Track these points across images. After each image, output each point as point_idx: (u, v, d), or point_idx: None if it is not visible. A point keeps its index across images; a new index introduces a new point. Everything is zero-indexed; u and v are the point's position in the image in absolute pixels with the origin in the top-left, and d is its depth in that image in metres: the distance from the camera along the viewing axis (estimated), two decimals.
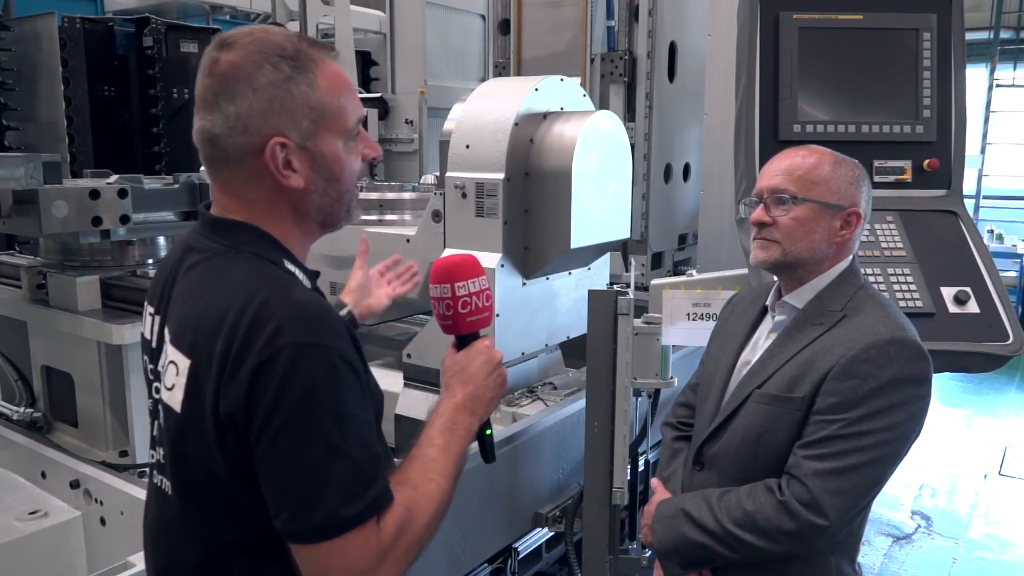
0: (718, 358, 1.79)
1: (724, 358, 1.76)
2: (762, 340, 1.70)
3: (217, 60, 1.16)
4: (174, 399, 1.14)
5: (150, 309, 1.32)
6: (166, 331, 1.21)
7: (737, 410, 1.63)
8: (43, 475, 2.92)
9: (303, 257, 1.27)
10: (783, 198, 1.59)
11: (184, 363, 1.13)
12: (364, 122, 1.31)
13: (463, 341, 1.41)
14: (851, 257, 1.65)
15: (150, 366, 1.30)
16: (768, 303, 1.72)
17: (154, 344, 1.28)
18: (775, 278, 1.73)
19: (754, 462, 1.59)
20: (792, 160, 1.63)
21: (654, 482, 1.81)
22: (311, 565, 1.09)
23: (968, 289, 2.33)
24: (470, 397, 1.33)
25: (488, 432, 1.39)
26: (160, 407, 1.20)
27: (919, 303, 2.31)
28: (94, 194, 2.73)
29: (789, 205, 1.59)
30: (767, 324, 1.71)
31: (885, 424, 1.48)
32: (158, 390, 1.22)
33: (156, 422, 1.26)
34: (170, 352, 1.17)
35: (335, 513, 1.06)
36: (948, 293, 2.33)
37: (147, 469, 1.36)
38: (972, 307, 2.31)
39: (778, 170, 1.63)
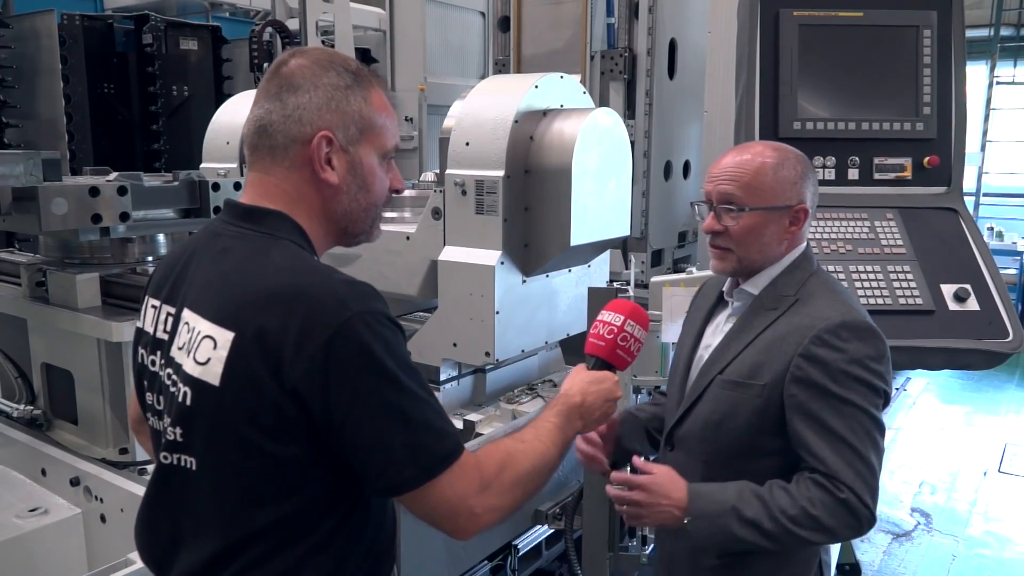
0: (682, 343, 1.87)
1: (686, 343, 1.84)
2: (722, 325, 1.76)
3: (287, 63, 1.28)
4: (210, 373, 1.17)
5: (153, 301, 1.34)
6: (187, 312, 1.24)
7: (701, 395, 1.68)
8: (43, 472, 2.92)
9: (320, 258, 1.33)
10: (731, 208, 1.63)
11: (225, 336, 1.16)
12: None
13: (599, 366, 1.62)
14: (804, 244, 1.70)
15: (151, 357, 1.31)
16: (724, 289, 1.78)
17: (160, 334, 1.29)
18: None
19: (716, 444, 1.65)
20: (737, 162, 1.66)
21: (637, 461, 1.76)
22: (424, 505, 1.19)
23: (968, 286, 2.33)
24: (585, 407, 1.51)
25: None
26: (184, 385, 1.21)
27: (919, 300, 2.31)
28: (94, 191, 2.72)
29: (737, 214, 1.63)
30: (726, 310, 1.77)
31: (864, 401, 1.52)
32: (175, 373, 1.23)
33: (161, 411, 1.27)
34: (204, 328, 1.19)
35: (435, 452, 1.18)
36: (948, 290, 2.33)
37: (150, 458, 1.38)
38: (972, 304, 2.31)
39: (724, 174, 1.66)
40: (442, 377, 2.79)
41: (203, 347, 1.18)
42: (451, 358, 2.76)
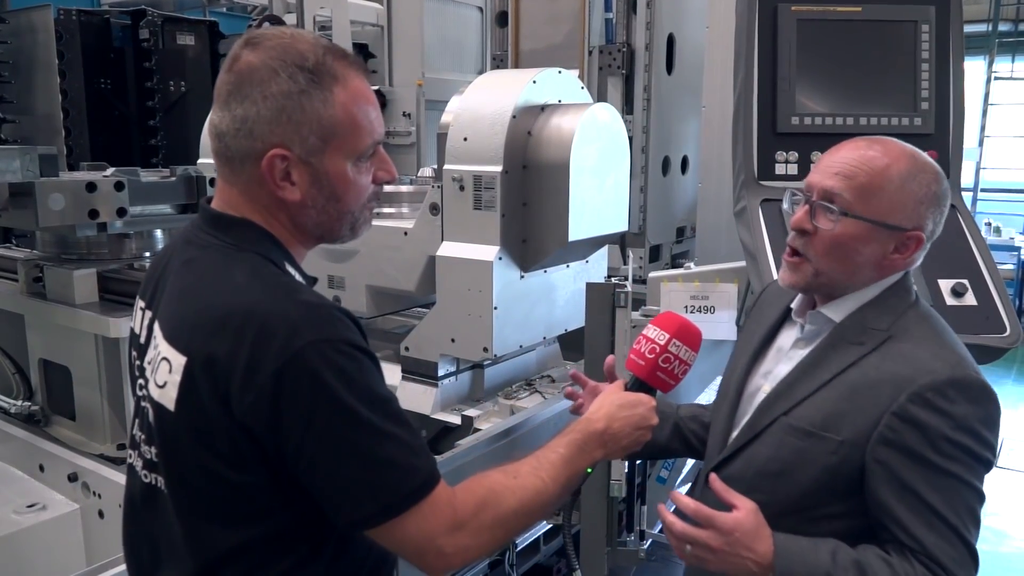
0: (735, 362, 1.59)
1: (740, 362, 1.56)
2: (787, 350, 1.49)
3: (239, 57, 1.15)
4: (166, 397, 1.12)
5: (141, 303, 1.30)
6: (156, 326, 1.19)
7: (758, 435, 1.43)
8: (41, 468, 2.92)
9: (301, 261, 1.27)
10: (831, 208, 1.34)
11: (179, 361, 1.11)
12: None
13: (637, 386, 1.45)
14: (906, 271, 1.42)
15: (136, 362, 1.27)
16: (794, 306, 1.51)
17: (142, 339, 1.25)
18: None
19: (770, 497, 1.37)
20: (858, 154, 1.36)
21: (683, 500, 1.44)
22: (390, 541, 1.13)
23: (965, 281, 2.33)
24: (610, 434, 1.37)
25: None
26: (149, 404, 1.18)
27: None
28: (91, 187, 2.72)
29: (837, 217, 1.34)
30: (793, 331, 1.50)
31: (968, 473, 1.30)
32: (144, 387, 1.20)
33: (142, 419, 1.23)
34: (163, 348, 1.15)
35: (399, 490, 1.09)
36: (945, 285, 2.33)
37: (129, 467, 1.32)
38: (969, 299, 2.31)
39: (837, 166, 1.36)
40: (440, 373, 2.79)
41: (162, 369, 1.14)
42: (449, 353, 2.76)
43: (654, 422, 1.43)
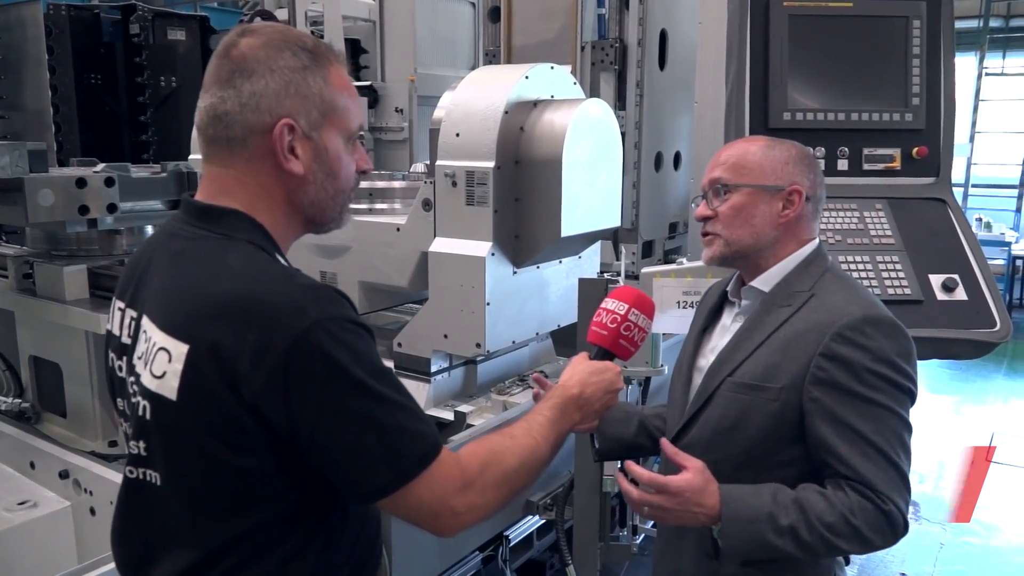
0: (683, 350, 1.77)
1: (687, 349, 1.75)
2: (728, 326, 1.66)
3: (237, 43, 1.19)
4: (166, 387, 1.12)
5: (119, 304, 1.29)
6: (145, 320, 1.19)
7: (709, 399, 1.58)
8: (32, 465, 2.91)
9: (287, 251, 1.27)
10: (718, 188, 1.60)
11: (180, 349, 1.11)
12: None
13: (601, 355, 1.56)
14: (816, 241, 1.63)
15: (119, 363, 1.26)
16: (729, 289, 1.71)
17: (125, 339, 1.24)
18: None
19: (726, 452, 1.53)
20: (729, 150, 1.65)
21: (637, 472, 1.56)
22: (404, 508, 1.17)
23: (956, 277, 2.35)
24: (584, 398, 1.46)
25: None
26: (143, 399, 1.17)
27: (907, 290, 2.32)
28: (80, 182, 2.71)
29: (724, 195, 1.59)
30: (734, 310, 1.68)
31: (892, 401, 1.44)
32: (135, 383, 1.19)
33: (129, 418, 1.23)
34: (158, 339, 1.14)
35: (411, 455, 1.14)
36: (936, 280, 2.34)
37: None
38: (960, 294, 2.32)
39: (716, 162, 1.64)
40: (433, 368, 2.79)
41: (159, 360, 1.13)
42: (442, 349, 2.76)
43: (621, 386, 1.54)
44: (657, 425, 1.84)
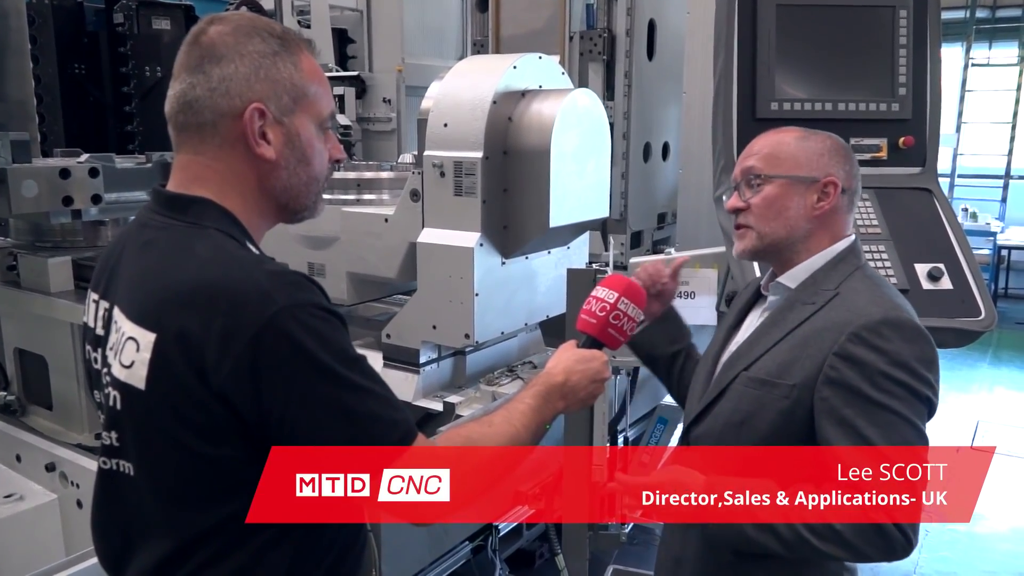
0: (713, 340, 1.74)
1: (716, 339, 1.72)
2: (755, 321, 1.63)
3: (206, 31, 1.19)
4: (135, 376, 1.12)
5: (94, 296, 1.28)
6: (116, 310, 1.19)
7: (723, 392, 1.55)
8: (18, 459, 2.89)
9: (259, 240, 1.26)
10: (751, 179, 1.55)
11: (147, 338, 1.10)
12: (340, 105, 1.33)
13: (589, 344, 1.54)
14: (851, 239, 1.57)
15: (95, 355, 1.26)
16: (762, 284, 1.67)
17: (99, 330, 1.24)
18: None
19: (735, 447, 1.50)
20: (762, 140, 1.60)
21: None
22: None
23: (942, 266, 2.36)
24: (569, 386, 1.44)
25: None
26: (113, 389, 1.17)
27: (893, 280, 2.34)
28: (64, 173, 2.68)
29: (757, 186, 1.54)
30: (763, 305, 1.64)
31: (905, 408, 1.37)
32: (108, 374, 1.19)
33: (104, 408, 1.23)
34: (127, 329, 1.14)
35: (383, 442, 1.12)
36: (922, 270, 2.36)
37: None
38: (945, 283, 2.34)
39: (749, 152, 1.59)
40: (422, 359, 2.79)
41: (127, 349, 1.13)
42: (430, 340, 2.76)
43: (607, 375, 1.52)
44: (685, 366, 1.85)
